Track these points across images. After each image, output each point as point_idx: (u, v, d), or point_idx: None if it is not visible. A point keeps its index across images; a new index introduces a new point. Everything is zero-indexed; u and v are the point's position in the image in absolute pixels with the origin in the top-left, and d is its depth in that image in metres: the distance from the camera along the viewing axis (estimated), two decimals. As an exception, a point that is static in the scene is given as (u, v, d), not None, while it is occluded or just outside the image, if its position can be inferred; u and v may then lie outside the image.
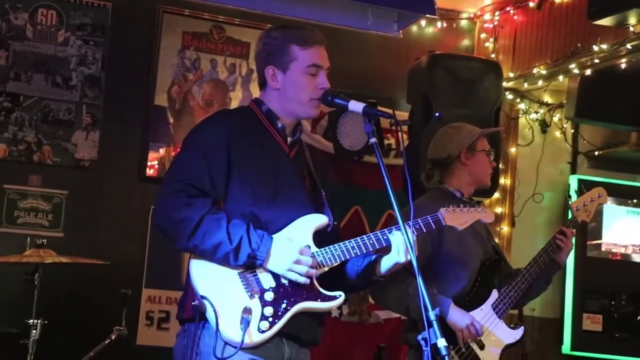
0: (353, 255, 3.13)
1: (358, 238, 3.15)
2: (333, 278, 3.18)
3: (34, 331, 4.53)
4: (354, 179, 6.25)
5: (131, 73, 6.01)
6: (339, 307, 6.03)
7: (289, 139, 3.24)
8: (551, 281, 4.31)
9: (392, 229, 3.13)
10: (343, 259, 3.13)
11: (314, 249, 3.10)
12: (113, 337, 4.71)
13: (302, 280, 3.04)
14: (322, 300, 3.09)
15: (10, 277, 5.27)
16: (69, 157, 5.82)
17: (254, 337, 2.98)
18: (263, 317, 3.00)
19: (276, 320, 3.01)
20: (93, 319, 5.38)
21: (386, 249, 3.16)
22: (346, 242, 3.13)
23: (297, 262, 3.03)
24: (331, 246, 3.12)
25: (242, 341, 2.92)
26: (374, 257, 3.21)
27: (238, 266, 3.02)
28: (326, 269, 3.12)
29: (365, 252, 3.14)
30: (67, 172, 5.81)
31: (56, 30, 5.84)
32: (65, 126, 5.82)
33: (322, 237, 3.16)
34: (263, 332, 2.99)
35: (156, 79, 6.02)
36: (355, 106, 3.08)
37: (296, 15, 5.20)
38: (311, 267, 3.05)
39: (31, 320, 4.54)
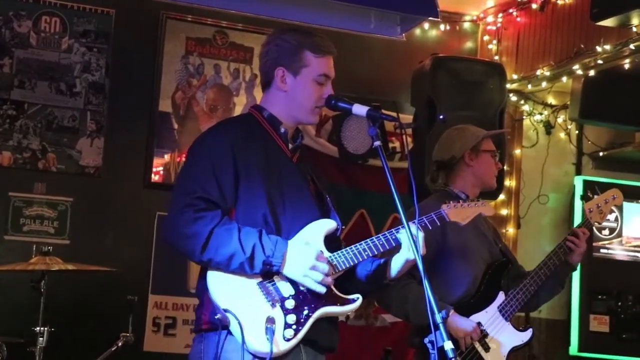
0: (365, 257, 3.11)
1: (368, 240, 3.13)
2: (343, 284, 3.16)
3: (41, 339, 4.52)
4: (359, 182, 6.25)
5: (135, 79, 6.02)
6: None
7: (290, 145, 3.23)
8: (565, 282, 4.28)
9: (399, 228, 3.10)
10: (356, 262, 3.11)
11: (326, 254, 3.08)
12: (120, 344, 4.69)
13: (319, 288, 3.01)
14: (341, 304, 3.08)
15: (17, 285, 5.26)
16: (74, 164, 5.82)
17: (281, 346, 2.96)
18: (287, 325, 2.98)
19: (300, 328, 3.00)
20: (100, 326, 5.39)
21: (396, 249, 3.14)
22: (357, 244, 3.12)
23: (314, 267, 3.00)
24: (342, 250, 3.10)
25: (271, 351, 2.89)
26: (382, 260, 3.19)
27: (255, 274, 2.99)
28: (340, 273, 3.10)
29: (376, 252, 3.12)
30: (72, 179, 5.81)
31: (60, 37, 5.85)
32: (69, 133, 5.82)
33: (327, 242, 3.14)
34: (288, 340, 2.98)
35: (160, 85, 6.02)
36: (359, 109, 3.08)
37: (299, 20, 5.18)
38: (327, 274, 3.02)
39: (38, 328, 4.53)
